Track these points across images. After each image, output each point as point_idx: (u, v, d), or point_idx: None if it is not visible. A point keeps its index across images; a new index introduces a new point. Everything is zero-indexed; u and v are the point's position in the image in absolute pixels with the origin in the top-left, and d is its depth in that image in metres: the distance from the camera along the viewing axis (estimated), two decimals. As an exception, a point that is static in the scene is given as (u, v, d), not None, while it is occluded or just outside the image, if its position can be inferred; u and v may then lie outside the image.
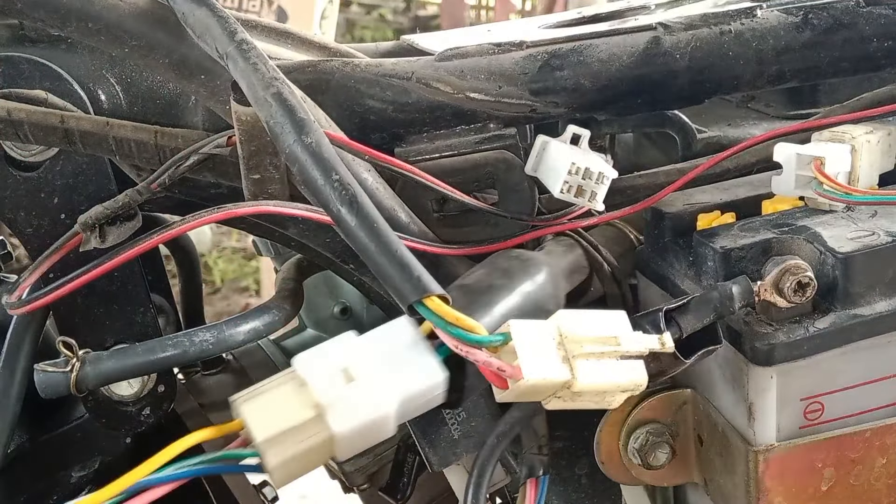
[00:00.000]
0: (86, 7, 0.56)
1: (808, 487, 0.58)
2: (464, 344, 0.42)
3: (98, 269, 0.55)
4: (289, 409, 0.44)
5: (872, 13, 0.65)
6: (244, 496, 0.82)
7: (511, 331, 0.44)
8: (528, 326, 0.45)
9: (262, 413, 0.44)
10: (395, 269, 0.43)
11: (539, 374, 0.43)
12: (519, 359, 0.43)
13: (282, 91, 0.49)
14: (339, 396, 0.45)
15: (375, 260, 0.44)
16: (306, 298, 0.73)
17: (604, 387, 0.45)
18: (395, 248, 0.43)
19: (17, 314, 0.61)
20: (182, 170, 0.58)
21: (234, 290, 3.57)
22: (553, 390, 0.44)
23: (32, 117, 0.58)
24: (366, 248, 0.44)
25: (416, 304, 0.42)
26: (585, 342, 0.46)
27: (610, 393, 0.45)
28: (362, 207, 0.44)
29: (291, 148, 0.47)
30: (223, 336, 0.62)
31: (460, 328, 0.42)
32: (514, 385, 0.43)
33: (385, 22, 6.40)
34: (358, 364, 0.46)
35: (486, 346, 0.43)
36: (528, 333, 0.44)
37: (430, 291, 0.42)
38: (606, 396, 0.45)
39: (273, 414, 0.44)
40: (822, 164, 0.61)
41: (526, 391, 0.43)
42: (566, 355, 0.45)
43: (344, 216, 0.45)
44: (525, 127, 0.69)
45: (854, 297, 0.57)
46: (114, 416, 0.68)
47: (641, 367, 0.46)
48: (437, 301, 0.42)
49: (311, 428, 0.44)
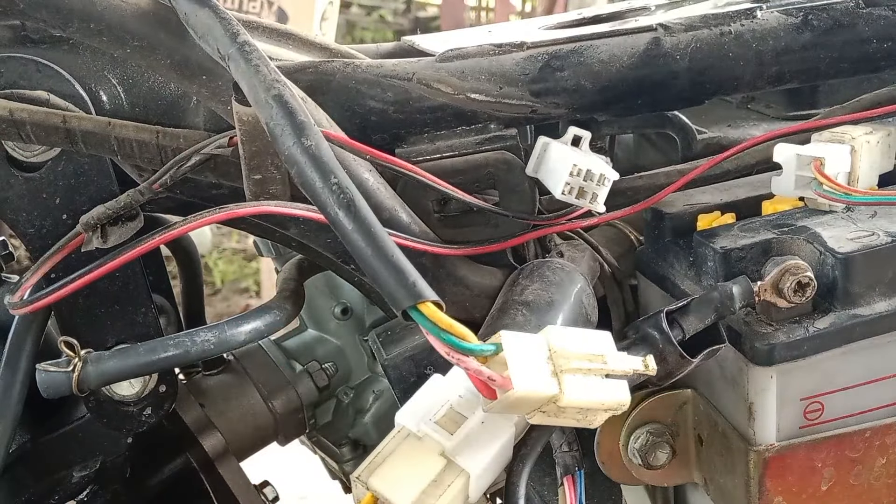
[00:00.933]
0: (87, 8, 0.56)
1: (808, 487, 0.58)
2: (455, 351, 0.42)
3: (100, 269, 0.55)
4: (418, 467, 0.45)
5: (872, 14, 0.66)
6: (245, 495, 0.82)
7: (503, 342, 0.44)
8: (520, 339, 0.45)
9: (393, 481, 0.44)
10: (390, 274, 0.43)
11: (528, 386, 0.43)
12: (510, 370, 0.42)
13: (282, 93, 0.49)
14: (460, 438, 0.45)
15: (371, 264, 0.43)
16: (307, 299, 0.73)
17: (588, 404, 0.44)
18: (391, 253, 0.43)
19: (20, 314, 0.61)
20: (184, 170, 0.58)
21: (234, 291, 3.57)
22: (539, 404, 0.44)
23: (34, 117, 0.58)
24: (362, 252, 0.44)
25: (409, 310, 0.42)
26: (573, 358, 0.45)
27: (593, 411, 0.45)
28: (359, 211, 0.44)
29: (290, 150, 0.47)
30: (225, 336, 0.62)
31: (452, 335, 0.42)
32: (503, 396, 0.43)
33: (385, 23, 6.40)
34: (459, 403, 0.46)
35: (477, 355, 0.43)
36: (519, 345, 0.44)
37: (424, 297, 0.42)
38: (589, 414, 0.45)
39: (404, 477, 0.44)
40: (822, 165, 0.61)
41: (514, 402, 0.43)
42: (555, 370, 0.45)
43: (341, 220, 0.45)
44: (526, 128, 0.69)
45: (854, 298, 0.57)
46: (115, 416, 0.68)
47: (625, 388, 0.46)
48: (431, 307, 0.42)
49: (447, 477, 0.45)
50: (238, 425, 0.85)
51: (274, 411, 0.87)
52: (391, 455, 0.46)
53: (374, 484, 0.44)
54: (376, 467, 0.45)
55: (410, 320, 0.42)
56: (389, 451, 0.46)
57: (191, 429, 0.82)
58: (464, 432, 0.46)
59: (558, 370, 0.44)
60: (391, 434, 0.47)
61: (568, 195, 0.61)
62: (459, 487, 0.45)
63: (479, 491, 0.46)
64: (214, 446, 0.83)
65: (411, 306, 0.41)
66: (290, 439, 0.92)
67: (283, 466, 1.08)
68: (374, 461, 0.46)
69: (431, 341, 0.41)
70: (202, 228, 0.58)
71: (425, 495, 0.44)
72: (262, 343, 0.90)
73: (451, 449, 0.45)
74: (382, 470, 0.45)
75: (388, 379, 0.67)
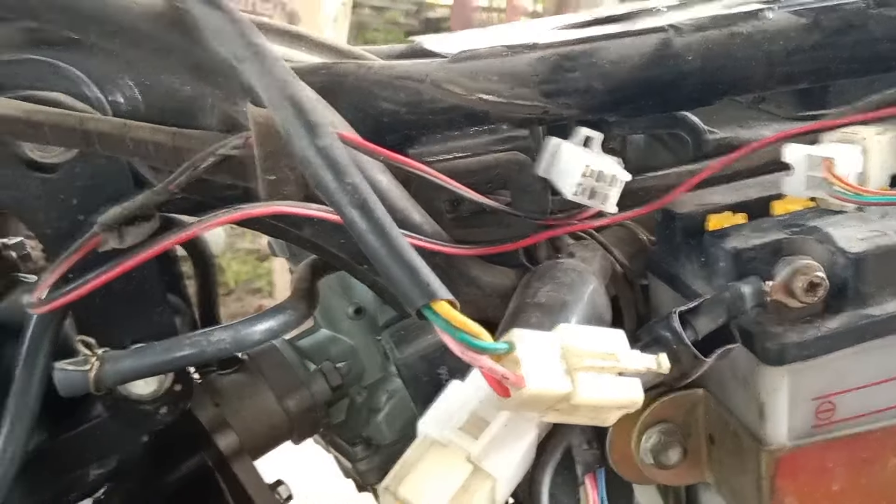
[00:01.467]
0: (100, 10, 0.56)
1: (820, 487, 0.58)
2: (469, 349, 0.42)
3: (117, 268, 0.56)
4: (445, 475, 0.45)
5: (882, 14, 0.65)
6: (259, 494, 0.83)
7: (515, 340, 0.44)
8: (533, 337, 0.45)
9: (422, 489, 0.45)
10: (404, 273, 0.43)
11: (542, 384, 0.43)
12: (522, 368, 0.43)
13: (297, 94, 0.50)
14: (485, 443, 0.45)
15: (385, 263, 0.44)
16: (321, 299, 0.74)
17: (602, 402, 0.45)
18: (405, 253, 0.44)
19: (38, 313, 0.61)
20: (200, 171, 0.58)
21: (247, 291, 3.58)
22: (553, 402, 0.44)
23: (51, 119, 0.59)
24: (376, 252, 0.44)
25: (423, 308, 0.42)
26: (586, 356, 0.46)
27: (606, 409, 0.45)
28: (373, 212, 0.45)
29: (305, 151, 0.48)
30: (240, 335, 0.63)
31: (466, 334, 0.42)
32: (517, 393, 0.43)
33: (396, 25, 6.40)
34: (480, 407, 0.47)
35: (490, 353, 0.43)
36: (532, 344, 0.44)
37: (438, 296, 0.42)
38: (602, 412, 0.45)
39: (433, 485, 0.45)
40: (833, 165, 0.61)
41: (527, 400, 0.43)
42: (568, 368, 0.45)
43: (355, 220, 0.45)
44: (537, 128, 0.69)
45: (865, 297, 0.57)
46: (131, 415, 0.69)
47: (638, 385, 0.46)
48: (446, 305, 0.42)
49: (475, 483, 0.45)
50: (252, 424, 0.86)
51: (288, 410, 0.88)
52: (418, 463, 0.46)
53: (403, 493, 0.45)
54: (404, 476, 0.45)
55: (424, 319, 0.42)
56: (415, 459, 0.46)
57: (206, 428, 0.83)
58: (488, 437, 0.46)
59: (571, 368, 0.45)
60: (416, 442, 0.47)
61: (580, 196, 0.61)
62: (487, 492, 0.45)
63: (505, 494, 0.46)
64: (229, 445, 0.83)
65: (425, 305, 0.42)
66: (303, 438, 0.92)
67: (297, 465, 1.08)
68: (401, 471, 0.46)
69: (445, 340, 0.42)
70: (216, 229, 0.58)
71: (455, 502, 0.44)
72: (276, 343, 0.91)
73: (476, 454, 0.45)
74: (410, 479, 0.45)
75: (402, 378, 0.68)
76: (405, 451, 0.47)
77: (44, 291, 0.59)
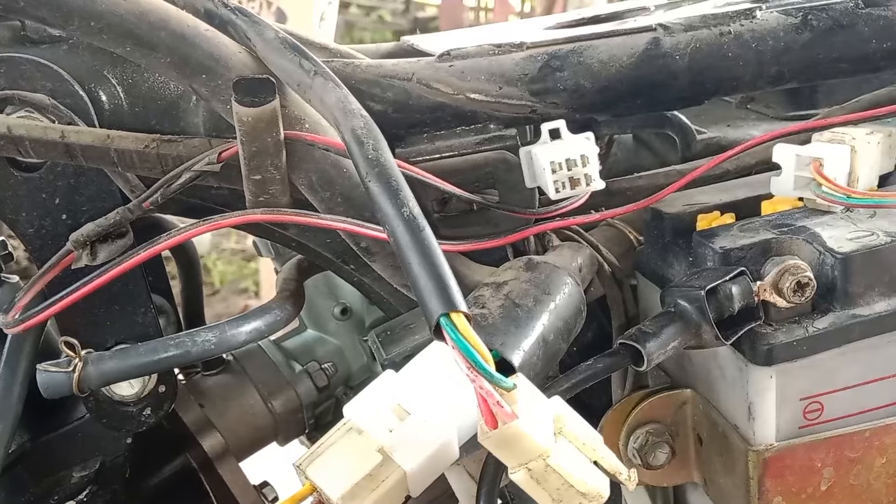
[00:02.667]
0: (88, 6, 0.55)
1: (808, 487, 0.58)
2: (476, 371, 0.41)
3: (91, 284, 0.57)
4: (355, 461, 0.45)
5: (871, 14, 0.66)
6: (244, 495, 0.82)
7: (518, 382, 0.43)
8: (532, 389, 0.45)
9: (330, 471, 0.45)
10: (431, 279, 0.42)
11: (530, 428, 0.42)
12: (518, 406, 0.42)
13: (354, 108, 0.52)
14: (400, 434, 0.45)
15: (415, 269, 0.43)
16: (307, 299, 0.73)
17: (573, 476, 0.44)
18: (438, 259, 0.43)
19: (13, 333, 0.61)
20: (174, 188, 0.58)
21: (233, 291, 3.57)
22: (529, 456, 0.43)
23: (33, 133, 0.58)
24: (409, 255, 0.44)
25: (442, 317, 0.41)
26: (574, 427, 0.45)
27: (574, 489, 0.44)
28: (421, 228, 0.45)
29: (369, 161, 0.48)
30: (225, 336, 0.62)
31: (477, 353, 0.41)
32: (503, 427, 0.42)
33: (384, 24, 6.40)
34: (407, 399, 0.46)
35: (492, 383, 0.42)
36: (531, 392, 0.44)
37: (458, 307, 0.41)
38: (569, 491, 0.44)
39: (341, 469, 0.45)
40: (822, 166, 0.61)
41: (508, 440, 0.43)
42: (555, 430, 0.45)
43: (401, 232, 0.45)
44: (525, 128, 0.69)
45: (853, 298, 0.57)
46: (115, 417, 0.68)
47: (607, 483, 0.46)
48: (463, 319, 0.41)
49: (383, 472, 0.45)
50: (237, 425, 0.85)
51: (273, 411, 0.88)
52: (331, 447, 0.46)
53: (310, 473, 0.45)
54: (316, 458, 0.46)
55: (439, 328, 0.41)
56: (331, 442, 0.46)
57: (190, 429, 0.82)
58: (404, 430, 0.46)
59: (557, 431, 0.45)
60: (336, 426, 0.47)
61: (563, 191, 0.61)
62: (394, 483, 0.45)
63: (420, 486, 0.46)
64: (214, 446, 0.83)
65: (445, 314, 0.41)
66: (289, 439, 0.92)
67: (283, 466, 1.08)
68: (315, 452, 0.46)
69: (454, 352, 0.41)
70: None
71: (358, 488, 0.44)
72: (261, 343, 0.90)
73: (388, 445, 0.45)
74: (321, 461, 0.45)
75: (388, 379, 0.67)
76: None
77: (19, 311, 0.59)
